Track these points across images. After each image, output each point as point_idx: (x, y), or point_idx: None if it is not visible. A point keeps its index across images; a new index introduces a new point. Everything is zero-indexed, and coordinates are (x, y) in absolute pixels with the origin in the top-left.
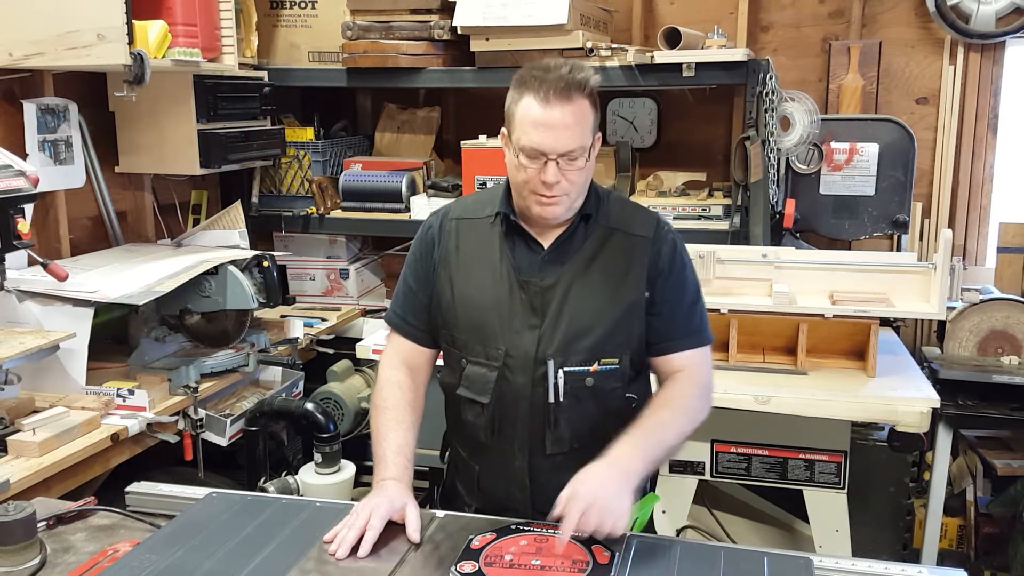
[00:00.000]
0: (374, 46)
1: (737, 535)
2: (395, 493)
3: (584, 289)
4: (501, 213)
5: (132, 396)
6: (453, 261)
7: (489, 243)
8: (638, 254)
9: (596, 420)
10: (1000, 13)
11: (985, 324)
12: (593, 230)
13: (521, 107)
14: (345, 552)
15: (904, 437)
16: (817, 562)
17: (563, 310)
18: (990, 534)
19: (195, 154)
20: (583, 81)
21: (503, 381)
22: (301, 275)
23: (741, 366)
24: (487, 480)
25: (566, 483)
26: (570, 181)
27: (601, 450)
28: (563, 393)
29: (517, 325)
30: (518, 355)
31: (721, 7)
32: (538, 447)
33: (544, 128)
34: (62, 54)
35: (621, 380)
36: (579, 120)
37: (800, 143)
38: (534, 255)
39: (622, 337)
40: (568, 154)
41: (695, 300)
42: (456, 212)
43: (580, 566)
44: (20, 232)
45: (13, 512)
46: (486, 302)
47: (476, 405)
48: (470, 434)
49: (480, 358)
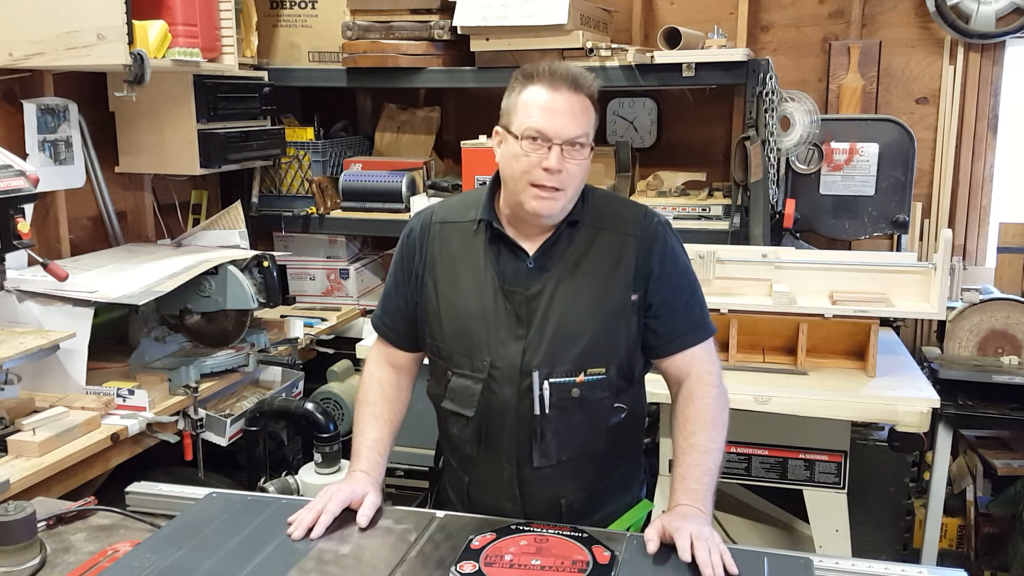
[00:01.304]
0: (374, 46)
1: (737, 535)
2: (360, 483)
3: (569, 296)
4: (484, 220)
5: (132, 396)
6: (438, 267)
7: (474, 250)
8: (625, 254)
9: (584, 432)
10: (1000, 13)
11: (985, 324)
12: (579, 232)
13: (526, 94)
14: (300, 533)
15: (904, 437)
16: (817, 562)
17: (548, 319)
18: (990, 534)
19: (195, 154)
20: (589, 82)
21: (488, 393)
22: (301, 275)
23: (741, 366)
24: (476, 491)
25: (556, 496)
26: (569, 173)
27: (590, 461)
28: (549, 405)
29: (503, 335)
30: (503, 366)
31: (721, 7)
32: (525, 459)
33: (551, 112)
34: (62, 54)
35: (609, 391)
36: (584, 112)
37: (800, 143)
38: (519, 262)
39: (608, 345)
40: (573, 140)
41: (692, 292)
42: (440, 215)
43: (580, 566)
44: (20, 232)
45: (13, 512)
46: (471, 311)
47: (461, 418)
48: (457, 446)
49: (465, 370)
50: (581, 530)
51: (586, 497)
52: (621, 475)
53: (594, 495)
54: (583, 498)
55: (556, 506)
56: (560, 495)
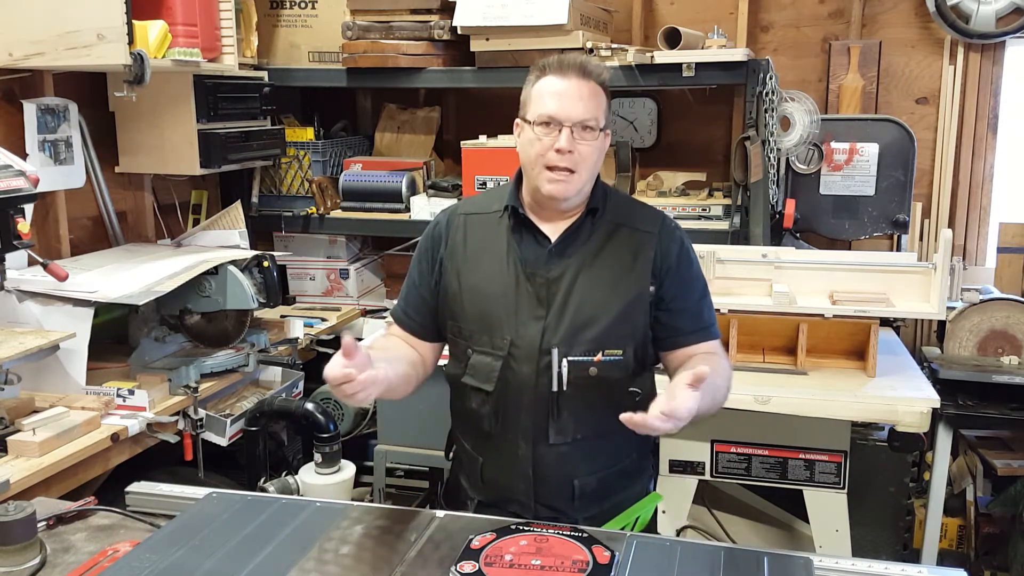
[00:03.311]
0: (374, 46)
1: (737, 535)
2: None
3: (589, 281)
4: (509, 207)
5: (132, 396)
6: (460, 254)
7: (497, 236)
8: (644, 249)
9: (599, 411)
10: (1000, 13)
11: (985, 324)
12: (599, 224)
13: (539, 84)
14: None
15: (904, 437)
16: (817, 562)
17: (568, 301)
18: (990, 534)
19: (195, 154)
20: (599, 70)
21: (508, 370)
22: (301, 275)
23: (741, 366)
24: (491, 471)
25: (569, 476)
26: (581, 155)
27: (605, 442)
28: (567, 382)
29: (523, 316)
30: (523, 345)
31: (721, 7)
32: (541, 436)
33: (560, 96)
34: (62, 54)
35: (625, 372)
36: (593, 96)
37: (800, 143)
38: (541, 248)
39: (626, 329)
40: (582, 122)
41: (703, 295)
42: (465, 208)
43: (580, 566)
44: (20, 232)
45: (13, 512)
46: (492, 293)
47: (480, 393)
48: (474, 423)
49: (486, 347)
50: (581, 530)
51: (598, 481)
52: (633, 463)
53: (606, 479)
54: (595, 481)
55: (569, 488)
56: (573, 476)
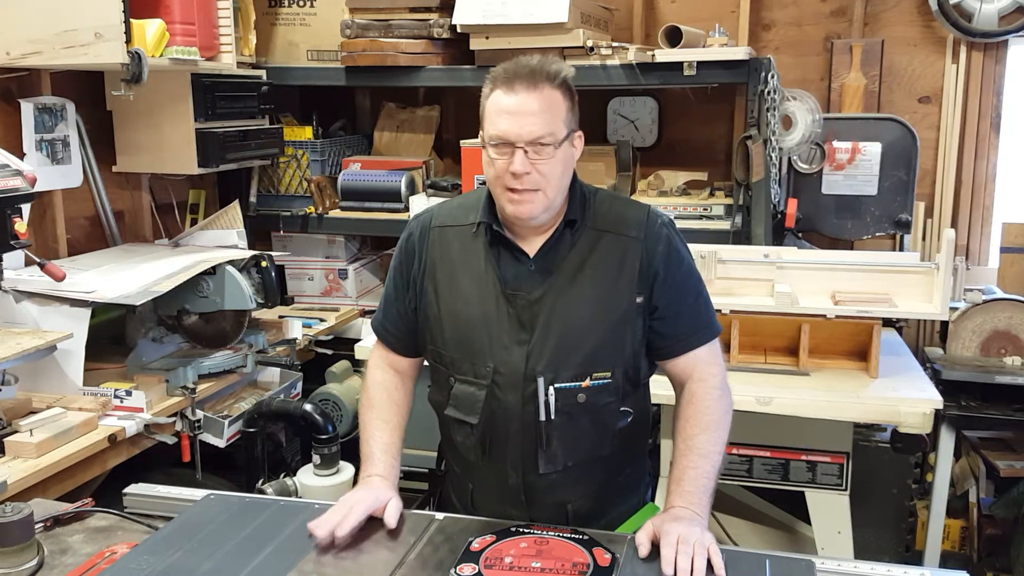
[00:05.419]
0: (373, 45)
1: (739, 537)
2: (381, 489)
3: (573, 300)
4: (483, 223)
5: (129, 397)
6: (438, 273)
7: (474, 253)
8: (629, 257)
9: (590, 437)
10: (1003, 12)
11: (988, 324)
12: (580, 235)
13: (490, 100)
14: (324, 532)
15: (906, 438)
16: (819, 564)
17: (552, 323)
18: (993, 535)
19: (193, 153)
20: (552, 72)
21: (492, 400)
22: (299, 275)
23: (743, 367)
24: (481, 497)
25: (563, 501)
26: (541, 173)
27: (597, 466)
28: (555, 411)
29: (505, 340)
30: (507, 372)
31: (722, 5)
32: (531, 467)
33: (509, 115)
34: (60, 53)
35: (615, 395)
36: (546, 108)
37: (802, 142)
38: (520, 265)
39: (614, 349)
40: (536, 141)
41: (697, 293)
42: (439, 219)
43: (581, 568)
44: (17, 232)
45: (10, 514)
46: (472, 317)
47: (465, 426)
48: (461, 454)
49: (468, 376)
50: (581, 532)
51: (592, 502)
52: (627, 478)
53: (600, 499)
54: (589, 503)
55: (562, 512)
56: (566, 500)
